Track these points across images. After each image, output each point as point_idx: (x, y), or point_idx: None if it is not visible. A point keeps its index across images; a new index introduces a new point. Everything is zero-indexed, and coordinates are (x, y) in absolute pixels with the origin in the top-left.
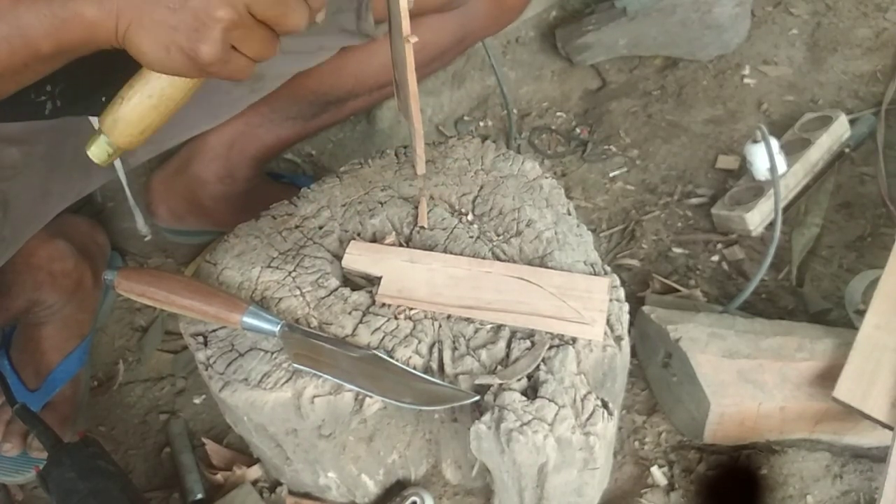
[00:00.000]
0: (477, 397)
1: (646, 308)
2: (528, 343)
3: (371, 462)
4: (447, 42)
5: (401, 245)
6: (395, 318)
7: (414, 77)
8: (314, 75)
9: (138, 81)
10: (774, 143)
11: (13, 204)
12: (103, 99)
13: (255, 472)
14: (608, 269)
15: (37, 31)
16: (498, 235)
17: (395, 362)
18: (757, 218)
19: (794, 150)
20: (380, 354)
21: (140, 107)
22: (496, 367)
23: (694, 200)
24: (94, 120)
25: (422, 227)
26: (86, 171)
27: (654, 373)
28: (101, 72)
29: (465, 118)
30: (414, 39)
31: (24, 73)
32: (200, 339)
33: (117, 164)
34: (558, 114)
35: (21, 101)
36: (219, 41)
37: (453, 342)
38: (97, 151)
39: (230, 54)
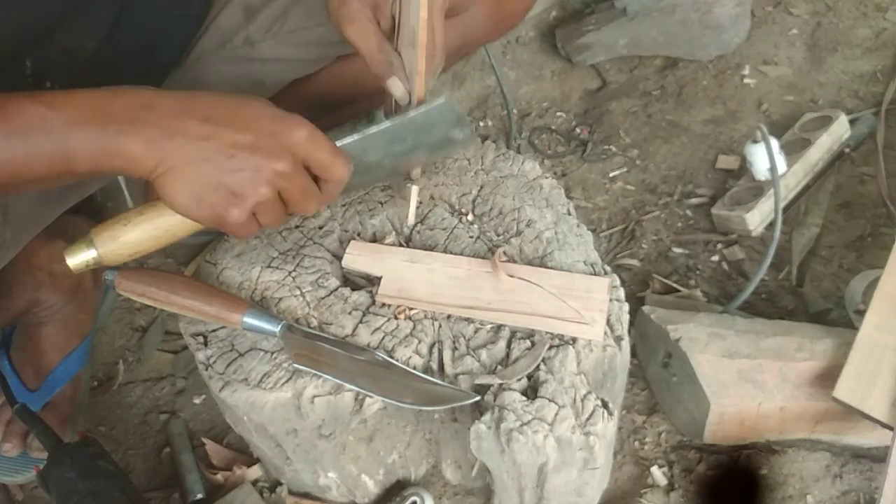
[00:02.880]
0: (477, 397)
1: (646, 308)
2: (528, 343)
3: (371, 462)
4: (448, 48)
5: (401, 245)
6: (395, 318)
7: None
8: (314, 81)
9: (151, 212)
10: (774, 143)
11: (13, 207)
12: None
13: (255, 472)
14: (608, 269)
15: (81, 154)
16: (498, 235)
17: (396, 362)
18: (757, 218)
19: (794, 150)
20: (380, 355)
21: (143, 235)
22: (496, 367)
23: (694, 200)
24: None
25: (413, 226)
26: None
27: (654, 373)
28: (103, 70)
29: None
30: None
31: (51, 183)
32: (200, 339)
33: None
34: (558, 114)
35: None
36: (248, 211)
37: (453, 342)
38: (77, 261)
39: (248, 221)
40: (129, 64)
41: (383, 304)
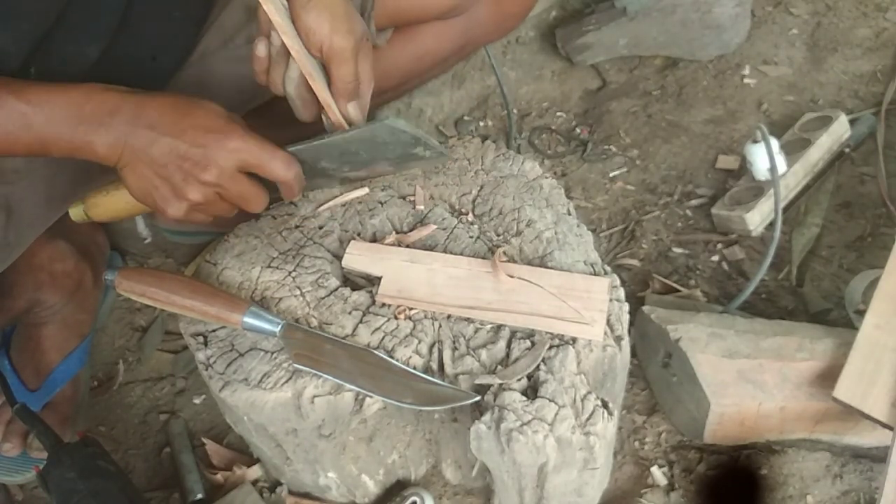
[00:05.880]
0: (477, 397)
1: (646, 308)
2: (528, 343)
3: (371, 462)
4: (449, 49)
5: (400, 245)
6: (395, 318)
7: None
8: None
9: (125, 188)
10: (774, 143)
11: (17, 208)
12: None
13: (255, 472)
14: (608, 269)
15: (55, 146)
16: (498, 235)
17: (396, 362)
18: (757, 218)
19: (794, 150)
20: (380, 355)
21: (118, 205)
22: (496, 367)
23: (694, 200)
24: None
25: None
26: (87, 175)
27: (654, 373)
28: (103, 77)
29: (465, 118)
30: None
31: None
32: (200, 339)
33: None
34: (558, 114)
35: None
36: (184, 209)
37: (453, 342)
38: (74, 214)
39: (193, 215)
40: (129, 70)
41: (383, 304)
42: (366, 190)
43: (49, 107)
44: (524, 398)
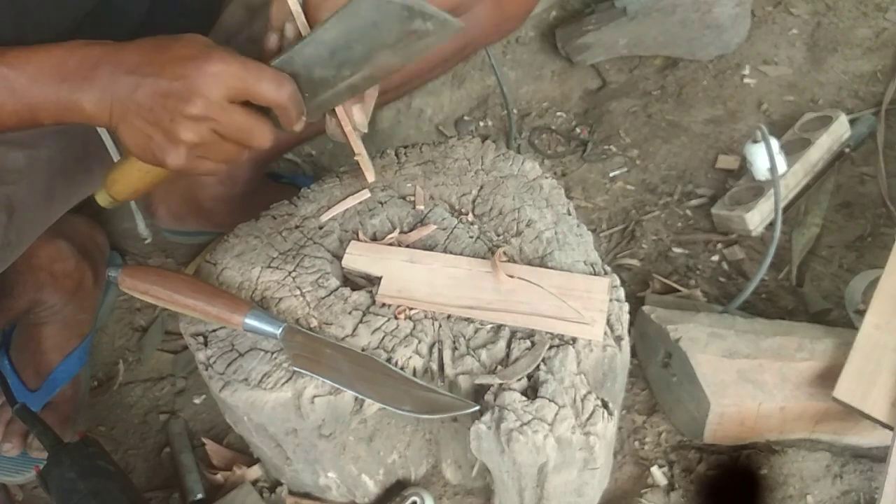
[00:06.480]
0: (477, 407)
1: (646, 308)
2: (528, 343)
3: (371, 462)
4: (449, 50)
5: (400, 245)
6: (395, 318)
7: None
8: None
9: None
10: (774, 143)
11: (18, 208)
12: None
13: (255, 472)
14: (608, 269)
15: (43, 110)
16: (498, 235)
17: (396, 369)
18: (757, 218)
19: (794, 150)
20: (380, 361)
21: (133, 174)
22: (496, 367)
23: (694, 200)
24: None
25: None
26: (89, 174)
27: (654, 373)
28: None
29: (465, 118)
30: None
31: (22, 129)
32: (200, 339)
33: None
34: (558, 114)
35: None
36: (183, 156)
37: (453, 342)
38: (101, 199)
39: (196, 162)
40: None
41: (383, 304)
42: (367, 193)
43: (31, 67)
44: (524, 398)
